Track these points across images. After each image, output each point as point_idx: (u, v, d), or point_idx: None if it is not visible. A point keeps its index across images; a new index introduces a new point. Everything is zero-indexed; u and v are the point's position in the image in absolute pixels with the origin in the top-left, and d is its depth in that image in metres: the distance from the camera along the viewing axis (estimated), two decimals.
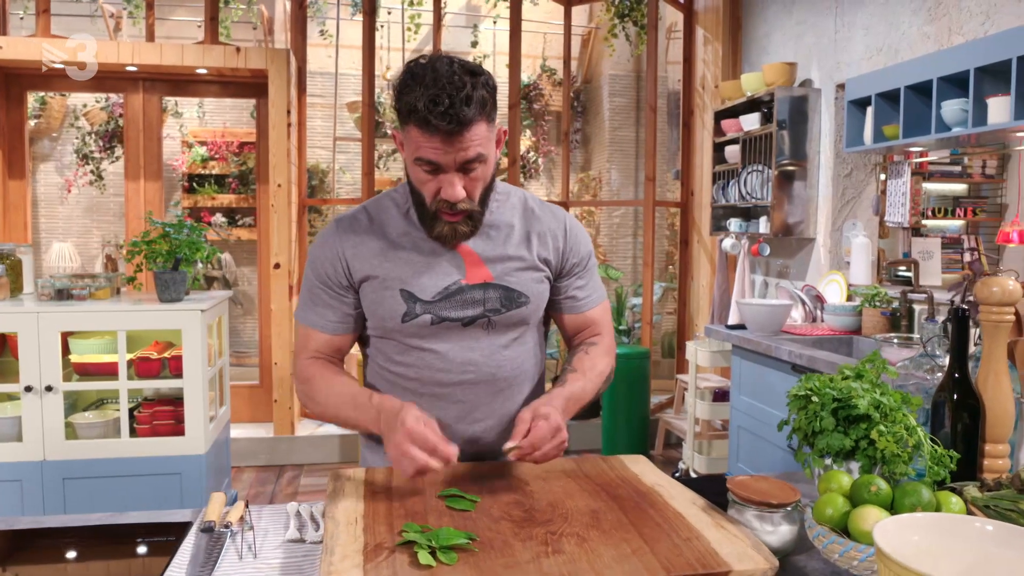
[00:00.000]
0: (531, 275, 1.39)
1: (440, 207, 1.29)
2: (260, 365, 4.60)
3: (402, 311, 1.34)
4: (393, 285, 1.35)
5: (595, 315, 1.49)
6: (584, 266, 1.47)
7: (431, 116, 1.18)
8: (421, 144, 1.23)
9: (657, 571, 0.91)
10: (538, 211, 1.45)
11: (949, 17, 2.90)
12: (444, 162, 1.24)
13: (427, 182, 1.28)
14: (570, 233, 1.45)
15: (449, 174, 1.25)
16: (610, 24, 5.57)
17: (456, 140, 1.21)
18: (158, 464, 2.73)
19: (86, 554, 1.14)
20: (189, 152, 6.10)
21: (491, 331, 1.38)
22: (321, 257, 1.39)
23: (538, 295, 1.40)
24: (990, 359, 1.27)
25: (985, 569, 0.87)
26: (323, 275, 1.39)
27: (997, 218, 4.69)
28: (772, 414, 3.12)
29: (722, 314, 4.44)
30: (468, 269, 1.36)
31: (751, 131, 3.98)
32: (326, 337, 1.40)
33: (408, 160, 1.29)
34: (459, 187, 1.26)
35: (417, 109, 1.19)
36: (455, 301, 1.35)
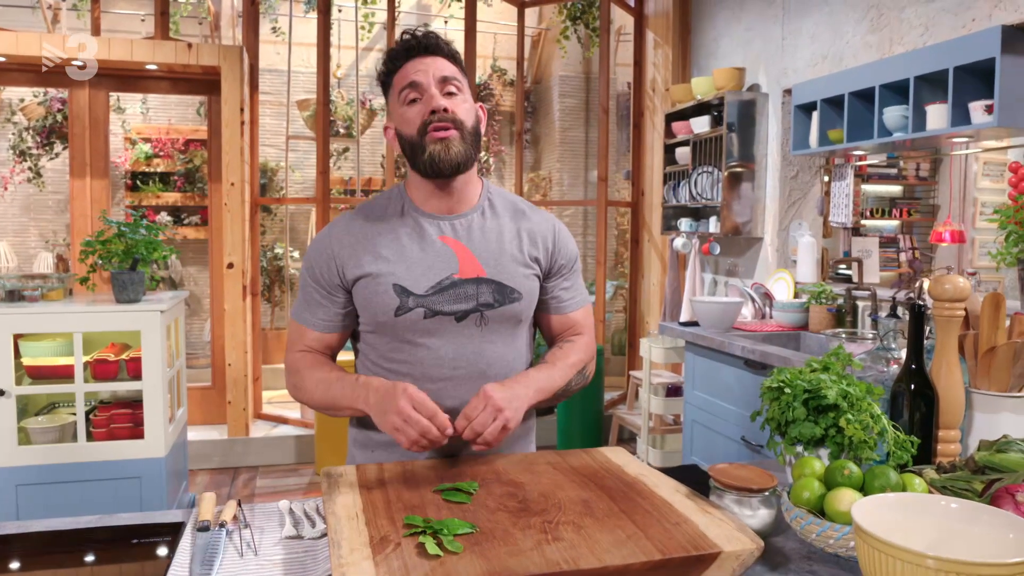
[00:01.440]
0: (523, 272, 1.43)
1: (428, 126, 1.35)
2: (212, 366, 4.53)
3: (395, 305, 1.37)
4: (386, 280, 1.37)
5: (578, 316, 1.53)
6: (570, 268, 1.52)
7: (409, 41, 1.38)
8: (401, 78, 1.38)
9: (653, 554, 0.96)
10: (528, 212, 1.50)
11: (891, 28, 3.05)
12: (424, 80, 1.36)
13: (413, 114, 1.37)
14: (558, 235, 1.50)
15: (430, 91, 1.36)
16: (562, 27, 5.64)
17: (431, 61, 1.37)
18: (116, 468, 2.68)
19: (79, 557, 1.14)
20: (132, 149, 5.94)
21: (484, 327, 1.40)
22: (315, 258, 1.44)
23: (530, 291, 1.44)
24: (943, 351, 1.36)
25: (950, 542, 0.95)
26: (317, 275, 1.43)
27: (930, 218, 4.94)
28: (725, 408, 3.23)
29: (674, 311, 4.56)
30: (461, 264, 1.39)
31: (701, 133, 4.10)
32: (317, 334, 1.45)
33: (397, 113, 1.40)
34: (441, 99, 1.36)
35: (394, 49, 1.40)
36: (448, 295, 1.37)
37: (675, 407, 4.06)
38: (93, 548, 1.15)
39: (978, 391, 1.40)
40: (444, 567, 0.93)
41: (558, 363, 1.44)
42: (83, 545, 1.15)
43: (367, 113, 6.14)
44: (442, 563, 0.94)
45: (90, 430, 2.73)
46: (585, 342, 1.52)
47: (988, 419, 1.39)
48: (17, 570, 1.07)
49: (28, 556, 1.12)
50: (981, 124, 2.53)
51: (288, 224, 6.16)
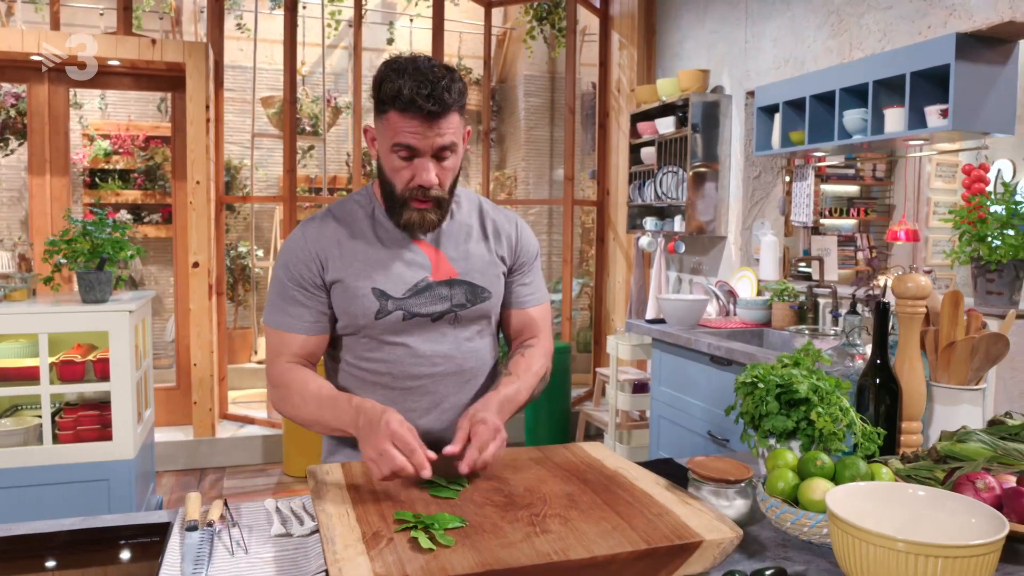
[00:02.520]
0: (491, 271, 1.48)
1: (412, 194, 1.35)
2: (177, 367, 4.47)
3: (375, 308, 1.40)
4: (364, 284, 1.40)
5: (536, 314, 1.57)
6: (531, 266, 1.56)
7: (417, 98, 1.26)
8: (400, 129, 1.30)
9: (639, 544, 1.00)
10: (492, 212, 1.54)
11: (850, 33, 3.14)
12: (421, 147, 1.31)
13: (401, 170, 1.34)
14: (521, 233, 1.54)
15: (424, 160, 1.32)
16: (528, 27, 5.68)
17: (434, 125, 1.29)
18: (84, 471, 2.64)
19: (67, 559, 1.13)
20: (91, 146, 5.82)
21: (457, 325, 1.46)
22: (294, 259, 1.42)
23: (498, 290, 1.49)
24: (906, 347, 1.43)
25: (917, 527, 1.01)
26: (297, 276, 1.42)
27: (886, 217, 5.09)
28: (692, 403, 3.30)
29: (639, 309, 4.63)
30: (434, 266, 1.43)
31: (666, 134, 4.17)
32: (302, 339, 1.43)
33: (383, 150, 1.36)
34: (433, 173, 1.33)
35: (402, 94, 1.26)
36: (424, 297, 1.42)
37: (641, 403, 4.13)
38: (80, 550, 1.14)
39: (938, 384, 1.47)
40: (438, 560, 0.95)
41: (523, 375, 1.46)
42: (68, 547, 1.15)
43: (332, 111, 6.10)
44: (436, 556, 0.96)
45: (56, 432, 2.68)
46: (544, 347, 1.55)
47: (947, 411, 1.46)
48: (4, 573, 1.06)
49: (12, 559, 1.12)
50: (936, 127, 2.63)
51: (253, 223, 6.09)
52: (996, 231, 2.51)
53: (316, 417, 1.37)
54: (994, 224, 2.52)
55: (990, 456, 1.20)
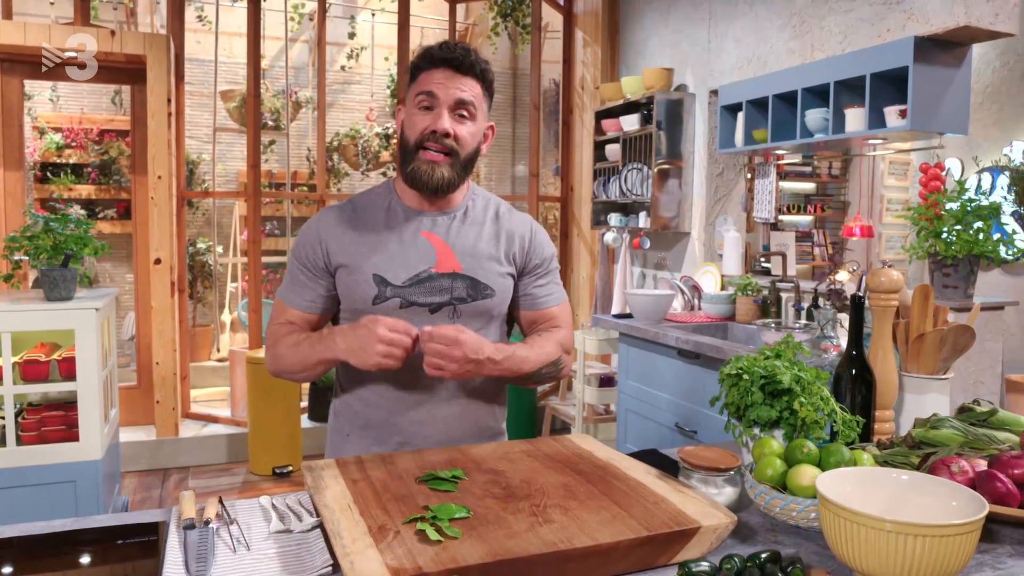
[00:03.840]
0: (497, 270, 1.50)
1: (426, 140, 1.41)
2: (138, 365, 4.38)
3: (373, 294, 1.44)
4: (367, 270, 1.44)
5: (555, 311, 1.60)
6: (546, 268, 1.59)
7: (444, 50, 1.40)
8: (425, 80, 1.41)
9: (640, 531, 1.03)
10: (507, 214, 1.58)
11: (812, 34, 3.23)
12: (441, 95, 1.39)
13: (419, 121, 1.41)
14: (535, 237, 1.57)
15: (442, 109, 1.40)
16: (492, 23, 5.69)
17: (458, 78, 1.40)
18: (49, 473, 2.58)
19: (63, 562, 1.12)
20: (42, 139, 5.65)
21: (456, 319, 1.48)
22: (303, 241, 1.50)
23: (503, 289, 1.51)
24: (879, 339, 1.49)
25: (901, 509, 1.06)
26: (303, 257, 1.49)
27: (841, 214, 5.25)
28: (659, 396, 3.37)
29: (604, 304, 4.69)
30: (439, 258, 1.46)
31: (631, 131, 4.23)
32: (298, 313, 1.51)
33: (409, 111, 1.44)
34: (448, 121, 1.40)
35: (432, 51, 1.41)
36: (424, 287, 1.45)
37: (607, 397, 4.19)
38: (75, 552, 1.13)
39: (908, 374, 1.54)
40: (448, 552, 0.97)
41: (534, 347, 1.50)
42: (62, 549, 1.14)
43: (293, 106, 6.03)
44: (445, 548, 0.98)
45: (19, 434, 2.62)
46: (562, 334, 1.59)
47: (917, 399, 1.53)
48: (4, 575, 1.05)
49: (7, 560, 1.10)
50: (896, 127, 2.73)
51: (215, 219, 5.99)
52: (951, 227, 2.61)
53: (297, 357, 1.45)
54: (950, 220, 2.62)
55: (962, 441, 1.27)
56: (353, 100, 6.65)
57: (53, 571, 1.10)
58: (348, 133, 6.37)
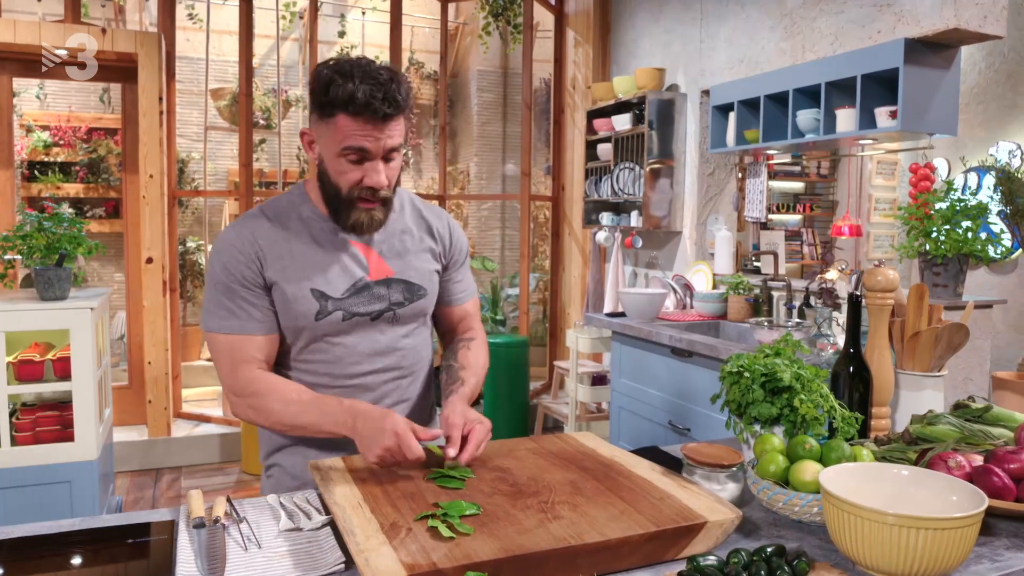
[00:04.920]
0: (427, 268, 1.51)
1: (362, 194, 1.35)
2: (129, 365, 4.36)
3: (315, 309, 1.39)
4: (303, 285, 1.39)
5: (469, 308, 1.63)
6: (462, 261, 1.60)
7: (373, 101, 1.26)
8: (352, 133, 1.29)
9: (648, 526, 1.05)
10: (424, 210, 1.56)
11: (803, 35, 3.27)
12: (373, 149, 1.31)
13: (349, 172, 1.33)
14: (453, 230, 1.58)
15: (375, 162, 1.33)
16: (484, 22, 5.69)
17: (386, 128, 1.30)
18: (45, 473, 2.57)
19: (75, 561, 1.13)
20: (29, 137, 5.60)
21: (395, 323, 1.48)
22: (233, 260, 1.38)
23: (433, 286, 1.52)
24: (875, 336, 1.52)
25: (902, 503, 1.09)
26: (240, 276, 1.38)
27: (830, 213, 5.30)
28: (653, 394, 3.39)
29: (596, 303, 4.71)
30: (371, 266, 1.45)
31: (622, 131, 4.25)
32: (260, 339, 1.39)
33: (328, 153, 1.34)
34: (384, 175, 1.34)
35: (355, 98, 1.26)
36: (363, 297, 1.43)
37: (600, 395, 4.21)
38: (86, 551, 1.14)
39: (904, 372, 1.57)
40: (461, 548, 0.98)
41: (477, 370, 1.53)
42: (73, 549, 1.15)
43: (283, 104, 6.01)
44: (458, 544, 1.00)
45: (13, 434, 2.61)
46: (482, 338, 1.61)
47: (913, 396, 1.56)
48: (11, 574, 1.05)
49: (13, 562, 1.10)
50: (886, 128, 2.76)
51: (206, 218, 5.96)
52: (941, 227, 2.65)
53: (299, 421, 1.35)
54: (939, 220, 2.66)
55: (958, 437, 1.29)
56: None
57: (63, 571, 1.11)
58: None
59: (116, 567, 1.12)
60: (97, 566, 1.12)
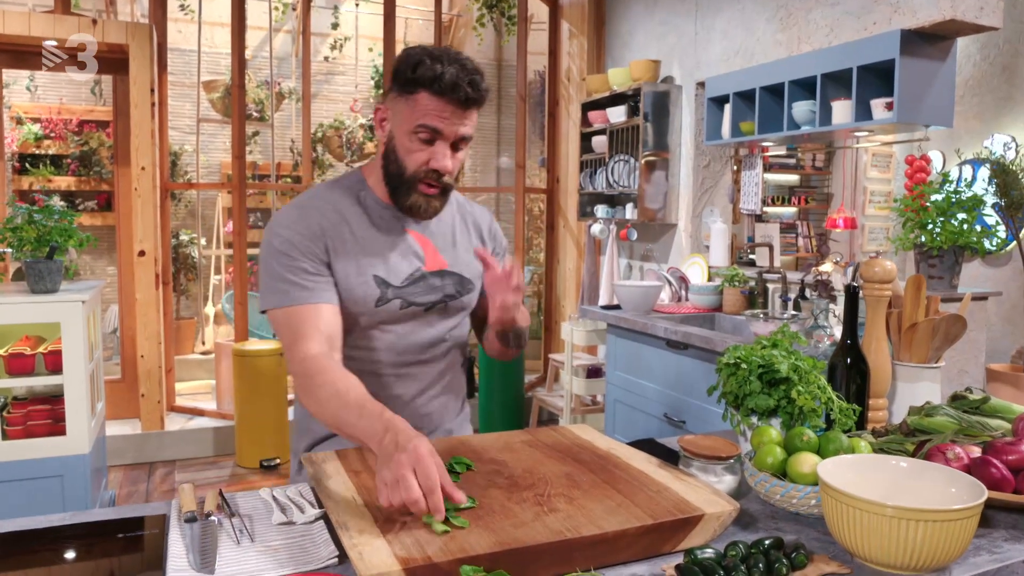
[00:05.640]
0: (475, 263, 1.52)
1: (425, 176, 1.36)
2: (122, 358, 4.33)
3: (376, 296, 1.40)
4: (366, 270, 1.39)
5: None
6: (502, 256, 1.62)
7: (460, 83, 1.28)
8: (430, 111, 1.30)
9: (645, 519, 1.04)
10: (467, 205, 1.59)
11: (799, 27, 3.25)
12: (446, 131, 1.32)
13: (418, 152, 1.34)
14: (493, 226, 1.62)
15: (445, 145, 1.34)
16: (478, 14, 5.66)
17: (463, 114, 1.32)
18: (36, 467, 2.55)
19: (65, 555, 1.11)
20: (20, 129, 5.56)
21: (444, 315, 1.49)
22: (297, 234, 1.35)
23: (480, 281, 1.53)
24: (873, 328, 1.51)
25: (900, 495, 1.08)
26: (304, 249, 1.35)
27: (824, 205, 5.29)
28: (647, 387, 3.39)
29: (591, 295, 4.70)
30: (427, 256, 1.46)
31: (618, 123, 4.23)
32: (324, 309, 1.33)
33: (400, 130, 1.34)
34: (449, 159, 1.35)
35: (443, 78, 1.28)
36: (419, 287, 1.44)
37: (595, 388, 4.20)
38: (76, 546, 1.13)
39: (901, 363, 1.56)
40: (456, 541, 0.97)
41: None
42: (63, 543, 1.13)
43: (276, 96, 5.97)
44: (453, 538, 0.98)
45: (4, 428, 2.58)
46: None
47: (910, 388, 1.55)
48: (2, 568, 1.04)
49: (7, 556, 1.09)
50: (882, 119, 2.75)
51: (199, 211, 5.93)
52: (936, 219, 2.64)
53: (337, 418, 1.22)
54: (935, 212, 2.65)
55: (956, 429, 1.29)
56: (337, 91, 6.60)
57: (53, 566, 1.09)
58: (332, 124, 6.33)
59: (107, 561, 1.11)
60: (88, 561, 1.11)
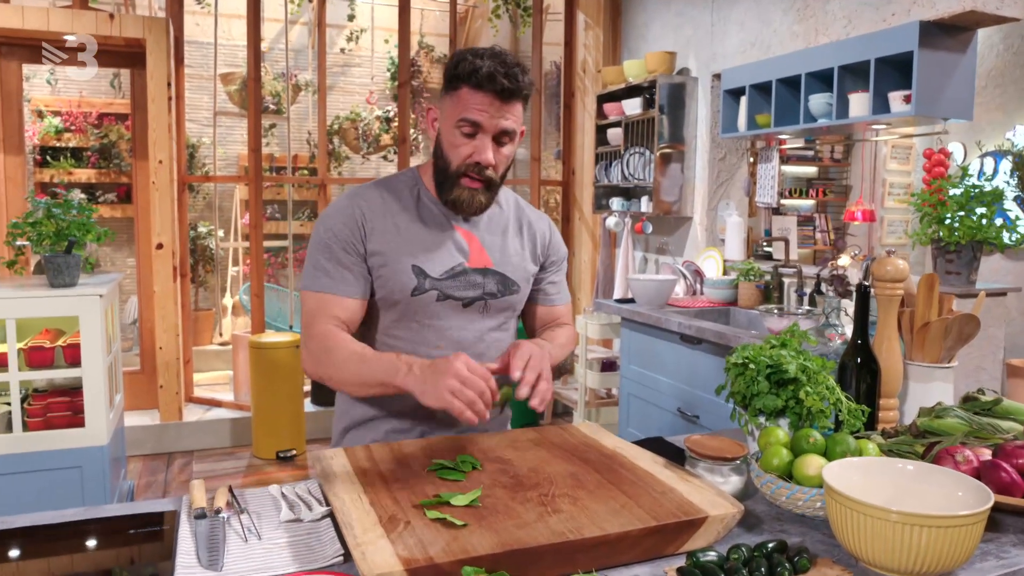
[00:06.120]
0: (522, 265, 1.53)
1: (468, 170, 1.39)
2: (141, 350, 4.39)
3: (412, 285, 1.43)
4: (404, 260, 1.43)
5: (562, 311, 1.65)
6: (559, 266, 1.63)
7: (495, 74, 1.32)
8: (470, 104, 1.35)
9: (648, 521, 1.04)
10: (528, 210, 1.60)
11: (816, 18, 3.21)
12: (486, 124, 1.36)
13: (461, 146, 1.38)
14: (552, 234, 1.61)
15: (486, 138, 1.37)
16: (493, 5, 5.64)
17: (503, 106, 1.35)
18: (56, 458, 2.59)
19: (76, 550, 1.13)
20: (41, 123, 5.62)
21: (485, 314, 1.51)
22: (339, 224, 1.43)
23: (527, 284, 1.55)
24: (884, 327, 1.50)
25: (906, 498, 1.07)
26: (343, 238, 1.42)
27: (843, 198, 5.23)
28: (661, 381, 3.38)
29: (606, 289, 4.69)
30: (472, 253, 1.48)
31: (633, 115, 4.21)
32: (346, 302, 1.42)
33: (446, 126, 1.40)
34: (491, 152, 1.38)
35: (479, 71, 1.33)
36: (460, 282, 1.46)
37: (609, 381, 4.20)
38: (88, 541, 1.15)
39: (913, 363, 1.54)
40: (459, 541, 0.98)
41: (557, 340, 1.54)
42: (75, 538, 1.15)
43: (293, 88, 5.99)
44: (456, 538, 0.99)
45: (25, 420, 2.63)
46: (569, 331, 1.63)
47: (922, 388, 1.54)
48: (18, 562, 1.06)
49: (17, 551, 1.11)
50: (900, 113, 2.71)
51: (216, 203, 5.98)
52: (955, 213, 2.61)
53: (358, 373, 1.34)
54: (953, 206, 2.62)
55: (967, 431, 1.28)
56: (353, 83, 6.62)
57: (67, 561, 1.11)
58: (348, 116, 6.34)
59: (118, 557, 1.12)
60: (98, 556, 1.13)
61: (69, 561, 1.09)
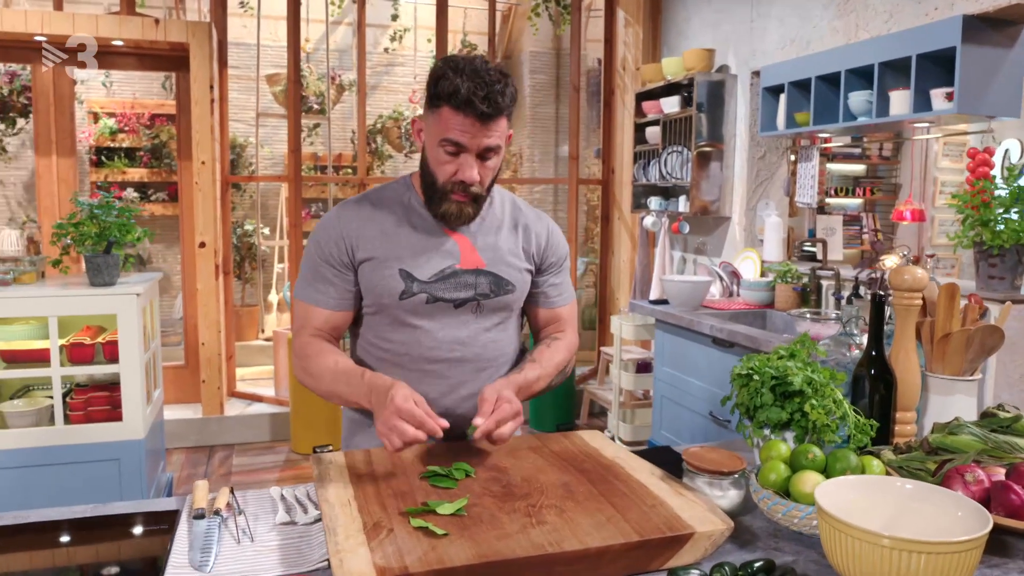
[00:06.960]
0: (517, 265, 1.52)
1: (453, 187, 1.41)
2: (185, 345, 4.52)
3: (400, 289, 1.45)
4: (392, 265, 1.45)
5: (563, 312, 1.63)
6: (560, 266, 1.61)
7: (473, 99, 1.31)
8: (452, 126, 1.35)
9: (631, 536, 1.03)
10: (525, 211, 1.59)
11: (856, 14, 3.11)
12: (469, 145, 1.37)
13: (446, 163, 1.40)
14: (551, 235, 1.60)
15: (470, 157, 1.38)
16: (534, 3, 5.62)
17: (484, 126, 1.35)
18: (95, 451, 2.69)
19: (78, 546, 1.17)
20: (96, 124, 5.83)
21: (479, 314, 1.50)
22: (325, 237, 1.48)
23: (522, 284, 1.54)
24: (901, 338, 1.44)
25: (904, 519, 1.03)
26: (326, 253, 1.47)
27: (892, 197, 5.07)
28: (693, 384, 3.33)
29: (643, 289, 4.64)
30: (463, 255, 1.48)
31: (671, 113, 4.15)
32: (327, 313, 1.49)
33: (430, 143, 1.41)
34: (476, 171, 1.39)
35: (459, 93, 1.32)
36: (449, 283, 1.46)
37: (645, 383, 4.16)
38: (90, 537, 1.18)
39: (933, 375, 1.49)
40: (436, 552, 0.98)
41: (545, 364, 1.52)
42: (79, 534, 1.19)
43: (336, 88, 6.08)
44: (434, 548, 0.99)
45: (67, 413, 2.73)
46: (569, 340, 1.61)
47: (942, 401, 1.48)
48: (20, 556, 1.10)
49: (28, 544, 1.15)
50: (941, 110, 2.61)
51: (259, 201, 6.11)
52: (1000, 215, 2.50)
53: (332, 389, 1.44)
54: (998, 208, 2.51)
55: (980, 449, 1.22)
56: (396, 82, 6.67)
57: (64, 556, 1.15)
58: (391, 115, 6.40)
59: (116, 554, 1.16)
60: (98, 552, 1.16)
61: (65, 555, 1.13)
